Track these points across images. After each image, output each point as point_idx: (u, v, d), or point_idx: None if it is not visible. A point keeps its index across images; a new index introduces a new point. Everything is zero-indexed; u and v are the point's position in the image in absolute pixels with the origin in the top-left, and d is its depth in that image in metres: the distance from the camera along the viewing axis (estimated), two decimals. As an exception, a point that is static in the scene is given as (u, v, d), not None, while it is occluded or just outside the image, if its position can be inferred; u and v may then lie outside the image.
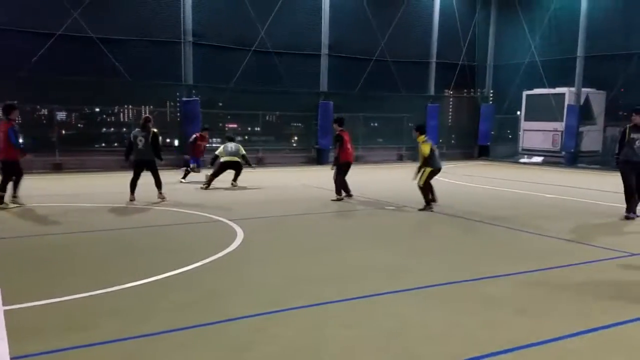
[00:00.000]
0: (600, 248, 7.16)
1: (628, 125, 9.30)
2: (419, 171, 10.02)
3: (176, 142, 19.32)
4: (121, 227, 8.34)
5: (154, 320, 4.43)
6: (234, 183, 13.70)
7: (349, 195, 11.39)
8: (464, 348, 3.95)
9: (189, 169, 14.65)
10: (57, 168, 16.53)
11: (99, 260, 6.39)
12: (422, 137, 10.12)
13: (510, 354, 3.85)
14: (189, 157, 14.94)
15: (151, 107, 19.61)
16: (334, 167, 11.31)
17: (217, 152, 13.69)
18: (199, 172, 14.69)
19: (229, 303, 4.88)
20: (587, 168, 19.68)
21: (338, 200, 11.13)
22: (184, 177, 14.48)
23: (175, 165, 18.09)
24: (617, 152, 9.48)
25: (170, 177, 15.72)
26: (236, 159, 13.68)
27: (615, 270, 6.24)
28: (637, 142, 9.08)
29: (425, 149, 9.89)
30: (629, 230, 8.39)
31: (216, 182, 13.30)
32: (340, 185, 11.27)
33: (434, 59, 23.23)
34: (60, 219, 8.98)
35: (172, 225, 8.55)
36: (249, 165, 13.85)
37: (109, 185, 13.48)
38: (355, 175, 12.39)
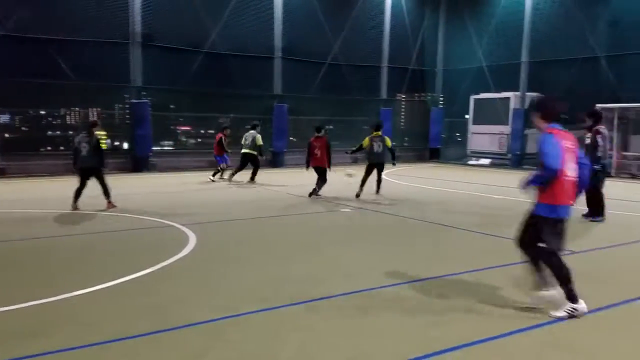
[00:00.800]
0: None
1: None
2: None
3: (125, 145, 18.86)
4: (71, 233, 8.11)
5: (106, 328, 4.34)
6: (250, 181, 14.56)
7: (311, 193, 12.06)
8: (413, 347, 4.07)
9: (219, 167, 15.55)
10: (0, 173, 15.83)
11: (49, 268, 6.19)
12: (377, 133, 12.14)
13: (456, 351, 4.00)
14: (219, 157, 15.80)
15: (99, 109, 19.09)
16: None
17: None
18: (226, 168, 15.57)
19: (181, 309, 4.83)
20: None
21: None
22: (214, 175, 15.44)
23: (125, 169, 17.70)
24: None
25: (122, 180, 15.35)
26: (250, 151, 14.48)
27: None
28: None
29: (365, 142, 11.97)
30: (572, 229, 8.79)
31: (190, 185, 13.11)
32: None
33: (385, 64, 23.66)
34: (4, 226, 8.62)
35: (123, 231, 8.36)
36: (260, 155, 14.83)
37: (55, 190, 13.02)
38: (311, 178, 12.48)
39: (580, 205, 9.37)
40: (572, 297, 4.69)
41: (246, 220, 9.46)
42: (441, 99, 25.52)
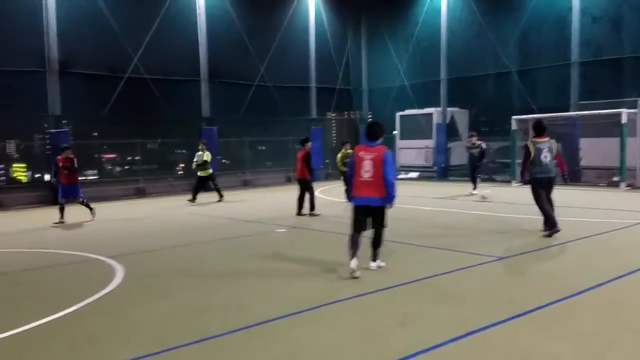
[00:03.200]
0: (471, 254, 7.75)
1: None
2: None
3: (47, 177, 17.88)
4: (-19, 275, 7.51)
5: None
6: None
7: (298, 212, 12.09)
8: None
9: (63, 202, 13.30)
10: None
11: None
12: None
13: (394, 365, 4.03)
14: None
15: (17, 140, 18.08)
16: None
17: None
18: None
19: (107, 347, 4.57)
20: (457, 180, 21.28)
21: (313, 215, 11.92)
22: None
23: (46, 202, 16.76)
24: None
25: (43, 214, 14.51)
26: (201, 171, 15.59)
27: (484, 274, 6.78)
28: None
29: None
30: (494, 237, 9.17)
31: (117, 214, 12.52)
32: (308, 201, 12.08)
33: (313, 84, 24.01)
34: None
35: (42, 269, 7.85)
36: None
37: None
38: (245, 200, 12.34)
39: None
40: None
41: (176, 247, 9.17)
42: (369, 116, 26.14)
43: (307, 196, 12.10)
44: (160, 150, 21.26)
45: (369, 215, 6.81)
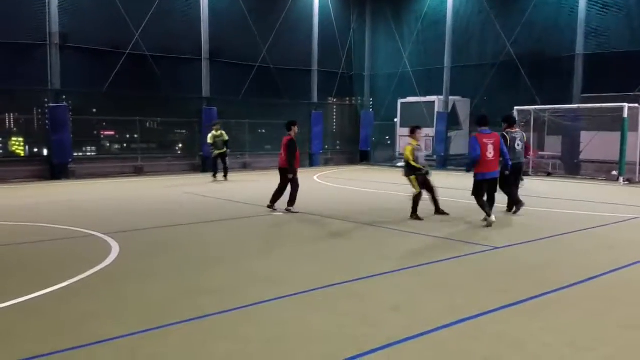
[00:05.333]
0: (468, 243, 7.75)
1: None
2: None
3: (45, 152, 17.84)
4: (-24, 247, 7.50)
5: (15, 347, 4.02)
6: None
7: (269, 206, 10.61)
8: (343, 348, 4.06)
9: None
10: None
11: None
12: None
13: (388, 349, 4.03)
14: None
15: (16, 114, 17.99)
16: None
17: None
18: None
19: (100, 324, 4.56)
20: (456, 170, 21.25)
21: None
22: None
23: (43, 177, 16.74)
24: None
25: (39, 189, 14.50)
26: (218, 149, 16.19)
27: (480, 263, 6.78)
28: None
29: None
30: (494, 227, 9.16)
31: (114, 191, 12.49)
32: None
33: (315, 67, 23.81)
34: None
35: (38, 243, 7.84)
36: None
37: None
38: (244, 182, 12.29)
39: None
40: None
41: (173, 227, 9.16)
42: (371, 102, 26.01)
43: (288, 189, 10.57)
44: (160, 129, 21.16)
45: (490, 184, 9.08)
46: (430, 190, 10.26)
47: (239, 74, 21.30)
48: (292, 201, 10.52)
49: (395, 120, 23.98)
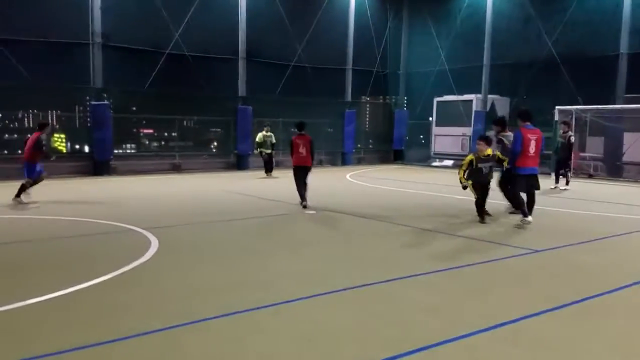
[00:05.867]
0: (507, 246, 7.61)
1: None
2: None
3: (87, 149, 18.37)
4: (22, 240, 7.78)
5: (57, 338, 4.16)
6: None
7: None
8: (375, 349, 4.05)
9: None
10: (-51, 177, 15.18)
11: (1, 276, 5.92)
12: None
13: (422, 352, 3.99)
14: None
15: (58, 112, 18.56)
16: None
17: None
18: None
19: (139, 317, 4.68)
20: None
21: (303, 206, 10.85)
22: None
23: (86, 173, 17.23)
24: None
25: (82, 184, 14.94)
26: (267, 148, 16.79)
27: (519, 266, 6.65)
28: None
29: None
30: (534, 230, 8.97)
31: (153, 187, 12.79)
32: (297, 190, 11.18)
33: (350, 66, 23.77)
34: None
35: (82, 237, 8.09)
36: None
37: (10, 195, 12.54)
38: (279, 180, 12.39)
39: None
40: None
41: (210, 223, 9.30)
42: (405, 101, 25.80)
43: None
44: (196, 127, 21.51)
45: (532, 181, 9.01)
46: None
47: (274, 73, 21.48)
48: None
49: (430, 119, 23.72)
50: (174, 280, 5.82)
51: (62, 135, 19.01)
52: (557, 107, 18.01)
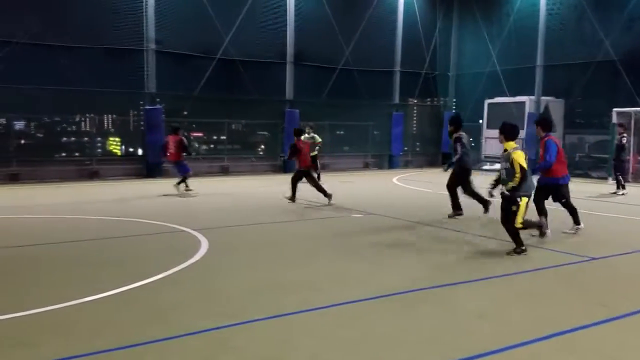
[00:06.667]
0: (562, 253, 7.32)
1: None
2: None
3: (140, 152, 18.97)
4: (78, 239, 8.09)
5: (110, 336, 4.29)
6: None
7: (291, 199, 11.88)
8: (425, 355, 3.96)
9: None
10: (14, 179, 15.97)
11: (54, 274, 6.16)
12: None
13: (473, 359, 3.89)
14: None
15: (114, 116, 19.23)
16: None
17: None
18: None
19: (190, 316, 4.77)
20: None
21: (290, 201, 11.78)
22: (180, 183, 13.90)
23: (139, 175, 17.78)
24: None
25: (135, 186, 15.42)
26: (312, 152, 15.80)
27: (575, 274, 6.38)
28: None
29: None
30: (588, 235, 8.60)
31: (202, 189, 13.46)
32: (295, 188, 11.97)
33: (398, 68, 23.55)
34: (15, 231, 8.66)
35: (133, 237, 8.34)
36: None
37: (67, 196, 13.11)
38: (322, 183, 12.42)
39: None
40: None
41: (259, 225, 9.40)
42: (454, 103, 25.34)
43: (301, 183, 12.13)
44: (244, 130, 21.84)
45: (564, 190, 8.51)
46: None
47: (321, 76, 21.55)
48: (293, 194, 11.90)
49: (481, 121, 23.18)
50: (224, 281, 5.90)
51: (117, 139, 19.71)
52: (614, 109, 17.25)
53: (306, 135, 17.13)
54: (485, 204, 10.04)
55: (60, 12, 16.58)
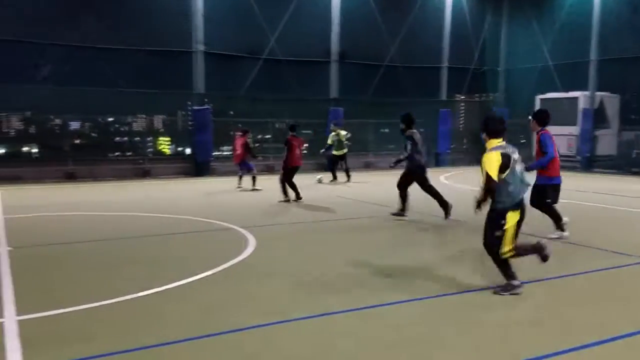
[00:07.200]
0: (619, 254, 7.01)
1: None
2: None
3: (188, 151, 19.41)
4: (129, 236, 8.34)
5: (157, 332, 4.40)
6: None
7: (298, 198, 11.86)
8: (475, 359, 3.86)
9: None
10: (70, 177, 16.65)
11: (107, 270, 6.37)
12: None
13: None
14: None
15: (163, 116, 19.75)
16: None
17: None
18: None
19: (238, 313, 4.83)
20: (603, 172, 19.40)
21: (285, 201, 11.72)
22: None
23: (188, 174, 18.20)
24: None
25: (184, 184, 15.80)
26: (337, 150, 16.28)
27: (635, 276, 6.09)
28: None
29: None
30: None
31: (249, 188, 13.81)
32: (286, 187, 11.91)
33: (445, 64, 23.13)
34: (72, 228, 9.03)
35: (184, 234, 8.53)
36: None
37: (121, 194, 13.55)
38: (367, 183, 12.35)
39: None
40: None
41: (306, 223, 9.44)
42: (504, 99, 24.68)
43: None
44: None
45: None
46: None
47: (366, 74, 21.42)
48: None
49: (531, 117, 22.47)
50: (269, 279, 5.94)
51: (167, 139, 20.24)
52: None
53: (333, 134, 16.80)
54: (445, 208, 9.55)
55: (113, 17, 17.16)
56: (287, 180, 11.94)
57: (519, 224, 5.26)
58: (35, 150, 17.90)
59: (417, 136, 9.71)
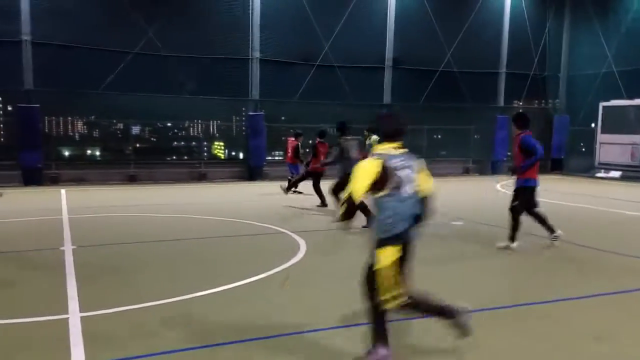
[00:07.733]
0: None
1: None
2: None
3: (241, 155, 19.78)
4: (187, 237, 8.55)
5: (219, 331, 4.48)
6: None
7: (323, 204, 11.81)
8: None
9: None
10: (132, 180, 17.30)
11: (167, 270, 6.56)
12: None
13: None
14: None
15: (218, 121, 20.23)
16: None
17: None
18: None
19: (292, 316, 4.86)
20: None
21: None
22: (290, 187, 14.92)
23: (242, 178, 18.54)
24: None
25: (238, 188, 16.09)
26: None
27: None
28: None
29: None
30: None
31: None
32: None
33: (503, 69, 22.50)
34: (133, 228, 9.36)
35: (236, 237, 8.67)
36: None
37: (179, 197, 13.95)
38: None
39: None
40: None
41: (359, 229, 9.38)
42: (565, 106, 23.76)
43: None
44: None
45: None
46: None
47: (420, 79, 21.11)
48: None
49: (593, 125, 21.54)
50: (321, 283, 5.95)
51: (221, 143, 20.72)
52: None
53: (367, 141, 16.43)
54: (367, 215, 8.16)
55: (173, 25, 17.73)
56: (314, 185, 12.12)
57: (401, 263, 3.85)
58: (98, 153, 18.76)
59: (351, 144, 9.83)
